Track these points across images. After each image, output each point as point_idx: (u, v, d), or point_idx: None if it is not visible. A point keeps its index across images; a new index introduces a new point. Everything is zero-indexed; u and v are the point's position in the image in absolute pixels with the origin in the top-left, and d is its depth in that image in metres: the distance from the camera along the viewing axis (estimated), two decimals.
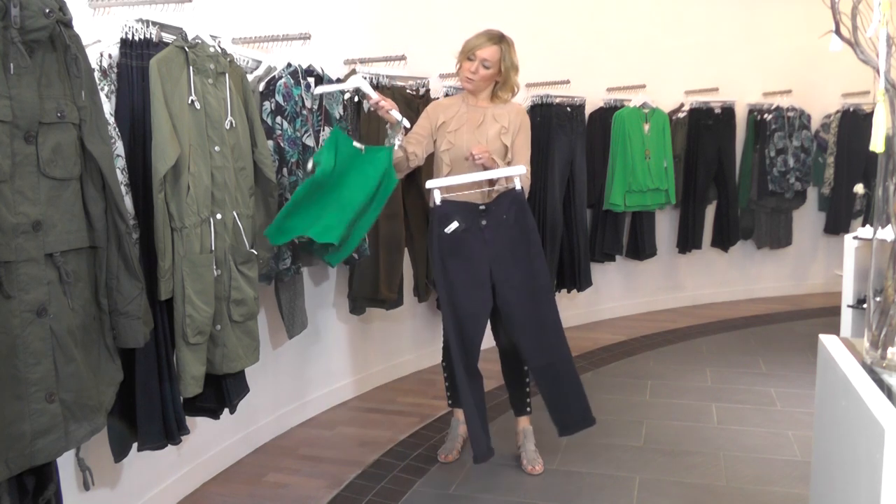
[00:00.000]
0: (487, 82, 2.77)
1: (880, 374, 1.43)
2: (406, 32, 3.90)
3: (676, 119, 5.35)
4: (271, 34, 2.98)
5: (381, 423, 3.47)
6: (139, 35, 2.16)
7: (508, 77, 2.77)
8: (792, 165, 5.65)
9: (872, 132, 1.43)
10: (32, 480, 1.70)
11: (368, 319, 3.88)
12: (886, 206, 1.48)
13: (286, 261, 2.84)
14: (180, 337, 2.18)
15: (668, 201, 5.06)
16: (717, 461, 2.97)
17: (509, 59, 2.74)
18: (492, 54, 2.70)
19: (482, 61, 2.70)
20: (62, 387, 1.62)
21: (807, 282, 6.24)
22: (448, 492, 2.77)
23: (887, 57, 1.43)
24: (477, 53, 2.70)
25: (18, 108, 1.51)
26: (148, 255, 2.14)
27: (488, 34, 2.72)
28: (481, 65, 2.70)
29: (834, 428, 1.53)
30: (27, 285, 1.55)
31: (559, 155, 4.50)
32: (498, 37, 2.73)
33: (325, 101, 3.05)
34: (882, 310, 1.47)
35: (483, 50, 2.69)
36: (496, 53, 2.71)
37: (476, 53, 2.70)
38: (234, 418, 2.72)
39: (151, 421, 2.21)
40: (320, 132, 3.00)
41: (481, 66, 2.71)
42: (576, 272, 4.71)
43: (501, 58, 2.72)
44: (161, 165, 2.06)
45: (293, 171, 2.83)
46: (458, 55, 2.78)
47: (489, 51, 2.69)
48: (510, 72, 2.76)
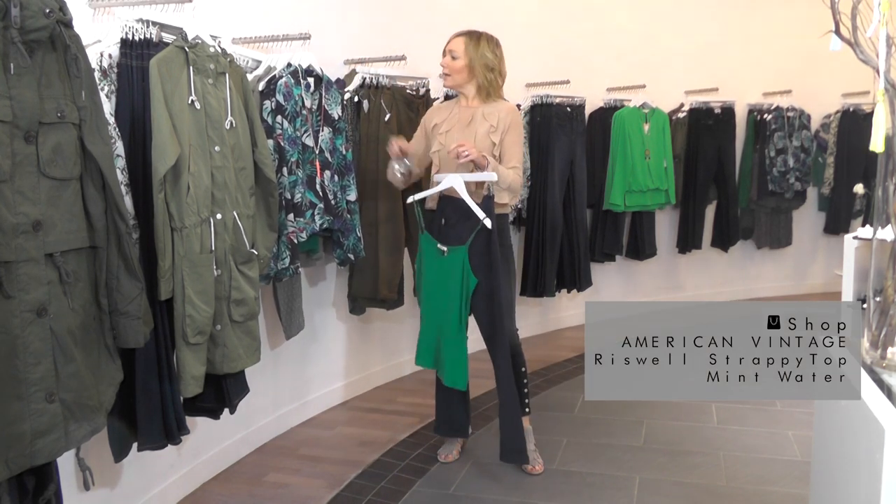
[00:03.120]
0: (461, 75, 2.85)
1: (880, 374, 1.43)
2: (406, 32, 3.90)
3: (676, 119, 5.34)
4: (271, 34, 2.98)
5: (381, 423, 3.47)
6: (139, 35, 2.16)
7: (475, 69, 2.82)
8: (792, 165, 5.64)
9: (872, 132, 1.43)
10: (32, 480, 1.70)
11: (368, 319, 3.88)
12: (886, 206, 1.48)
13: (284, 260, 2.84)
14: (180, 337, 2.18)
15: (668, 201, 5.05)
16: (717, 461, 2.97)
17: (474, 51, 2.82)
18: (457, 45, 2.84)
19: (449, 52, 2.86)
20: (62, 387, 1.62)
21: (807, 282, 6.24)
22: (448, 492, 2.77)
23: (887, 57, 1.43)
24: (446, 47, 2.87)
25: (18, 108, 1.51)
26: (148, 255, 2.14)
27: (461, 31, 2.88)
28: (450, 55, 2.85)
29: (834, 428, 1.53)
30: (27, 285, 1.55)
31: (559, 155, 4.50)
32: (467, 32, 2.87)
33: (324, 101, 3.05)
34: (882, 310, 1.47)
35: (451, 42, 2.86)
36: (461, 44, 2.83)
37: (446, 47, 2.87)
38: (234, 418, 2.72)
39: (151, 421, 2.21)
40: (319, 132, 3.00)
41: (449, 56, 2.85)
42: (576, 272, 4.70)
43: (465, 48, 2.82)
44: (161, 165, 2.06)
45: (293, 170, 2.83)
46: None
47: (454, 42, 2.85)
48: (475, 63, 2.82)
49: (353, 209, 3.17)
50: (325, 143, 3.00)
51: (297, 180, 2.83)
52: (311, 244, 3.13)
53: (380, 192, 3.47)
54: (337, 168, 3.06)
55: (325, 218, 2.96)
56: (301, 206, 2.84)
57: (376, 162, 3.46)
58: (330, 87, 3.03)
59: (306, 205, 2.87)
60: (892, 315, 1.44)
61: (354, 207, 3.18)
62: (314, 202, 2.91)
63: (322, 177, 2.97)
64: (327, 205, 2.98)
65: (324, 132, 3.01)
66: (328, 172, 3.01)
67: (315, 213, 2.92)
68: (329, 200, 3.01)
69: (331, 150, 3.02)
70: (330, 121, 3.03)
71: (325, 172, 2.99)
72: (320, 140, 2.99)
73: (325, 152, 3.00)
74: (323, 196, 2.96)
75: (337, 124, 3.06)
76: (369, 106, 3.46)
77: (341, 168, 3.09)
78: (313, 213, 2.91)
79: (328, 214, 2.99)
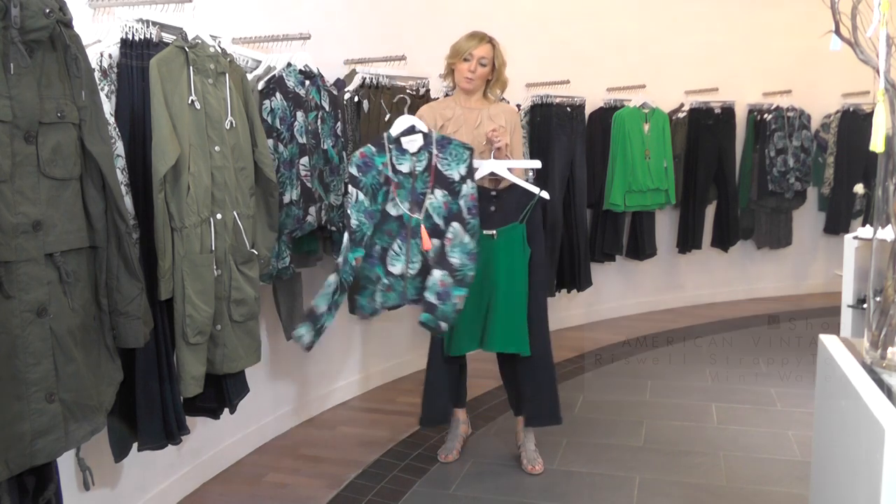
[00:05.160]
0: (483, 80, 2.89)
1: (880, 374, 1.43)
2: (406, 32, 3.90)
3: (676, 119, 5.34)
4: (271, 34, 2.98)
5: (381, 423, 3.47)
6: (139, 35, 2.16)
7: (501, 74, 2.90)
8: (792, 165, 5.64)
9: (872, 132, 1.43)
10: (32, 480, 1.70)
11: (368, 320, 3.87)
12: (886, 206, 1.48)
13: (285, 259, 2.85)
14: (180, 337, 2.18)
15: (668, 201, 5.06)
16: (717, 461, 2.97)
17: (500, 57, 2.88)
18: (487, 52, 2.83)
19: (479, 59, 2.82)
20: (62, 387, 1.62)
21: (807, 282, 6.24)
22: (448, 492, 2.77)
23: (887, 57, 1.43)
24: (473, 53, 2.82)
25: (18, 108, 1.51)
26: (148, 255, 2.14)
27: (479, 35, 2.85)
28: (479, 63, 2.83)
29: (834, 428, 1.53)
30: (27, 285, 1.55)
31: (559, 155, 4.50)
32: (489, 37, 2.87)
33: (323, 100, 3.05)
34: (882, 310, 1.47)
35: (479, 49, 2.83)
36: (491, 51, 2.85)
37: (472, 53, 2.82)
38: (234, 418, 2.72)
39: (151, 421, 2.21)
40: (318, 132, 3.00)
41: (479, 64, 2.83)
42: (576, 272, 4.70)
43: (495, 55, 2.86)
44: (161, 165, 2.06)
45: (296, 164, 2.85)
46: (450, 58, 2.89)
47: (485, 49, 2.83)
48: (502, 68, 2.90)
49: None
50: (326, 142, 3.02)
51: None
52: (310, 244, 3.13)
53: None
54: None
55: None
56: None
57: None
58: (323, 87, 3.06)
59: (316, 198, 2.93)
60: (892, 315, 1.44)
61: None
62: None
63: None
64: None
65: (320, 129, 3.03)
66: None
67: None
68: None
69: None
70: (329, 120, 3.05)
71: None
72: (321, 135, 3.01)
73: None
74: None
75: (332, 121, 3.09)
76: (369, 106, 3.46)
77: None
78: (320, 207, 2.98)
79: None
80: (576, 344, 4.71)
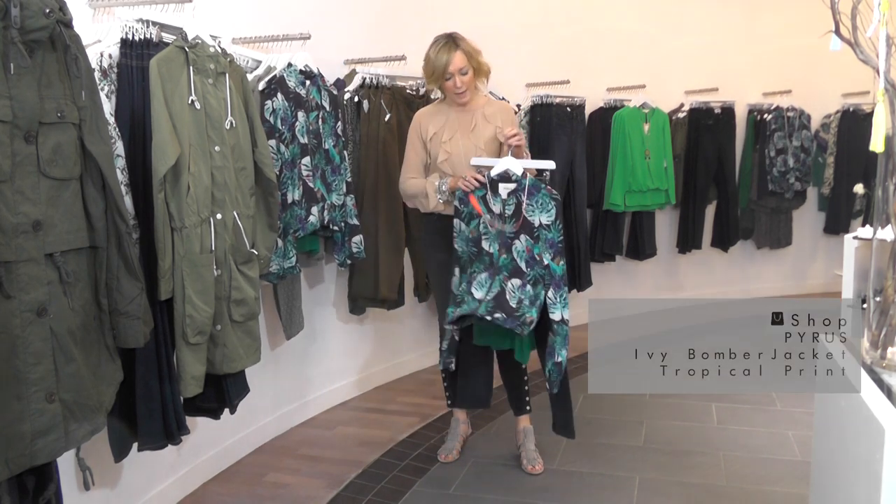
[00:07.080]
0: (472, 82, 2.80)
1: (880, 374, 1.43)
2: (406, 33, 3.89)
3: (676, 119, 5.34)
4: (271, 34, 2.98)
5: (381, 423, 3.47)
6: (139, 35, 2.16)
7: (481, 66, 2.79)
8: (792, 165, 5.64)
9: (872, 132, 1.43)
10: (32, 480, 1.70)
11: (368, 319, 3.88)
12: (886, 206, 1.48)
13: (291, 259, 2.85)
14: (180, 337, 2.18)
15: (668, 201, 5.06)
16: (717, 461, 2.97)
17: (472, 52, 2.76)
18: (461, 60, 2.71)
19: (459, 71, 2.72)
20: (62, 387, 1.62)
21: (807, 282, 6.24)
22: (448, 492, 2.77)
23: (887, 57, 1.43)
24: (451, 70, 2.71)
25: (18, 108, 1.51)
26: (148, 255, 2.14)
27: (445, 44, 2.71)
28: (459, 74, 2.72)
29: (834, 428, 1.53)
30: (27, 285, 1.55)
31: (559, 155, 4.50)
32: (452, 42, 2.72)
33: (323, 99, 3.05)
34: (882, 310, 1.47)
35: (454, 62, 2.70)
36: (463, 57, 2.72)
37: (449, 70, 2.71)
38: (234, 418, 2.72)
39: (151, 421, 2.21)
40: (319, 132, 3.01)
41: (459, 75, 2.72)
42: (576, 272, 4.70)
43: (468, 59, 2.73)
44: (161, 165, 2.06)
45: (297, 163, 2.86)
46: (430, 80, 2.78)
47: (458, 58, 2.70)
48: (479, 60, 2.78)
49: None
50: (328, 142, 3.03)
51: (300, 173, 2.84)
52: (312, 244, 3.14)
53: (380, 193, 3.47)
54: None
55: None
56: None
57: (376, 162, 3.46)
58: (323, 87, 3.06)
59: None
60: (892, 315, 1.44)
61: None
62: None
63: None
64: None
65: (322, 129, 3.04)
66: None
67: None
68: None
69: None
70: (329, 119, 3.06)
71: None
72: (322, 135, 3.02)
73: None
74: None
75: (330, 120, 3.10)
76: (369, 106, 3.46)
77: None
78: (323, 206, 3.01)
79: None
80: (576, 344, 4.67)
